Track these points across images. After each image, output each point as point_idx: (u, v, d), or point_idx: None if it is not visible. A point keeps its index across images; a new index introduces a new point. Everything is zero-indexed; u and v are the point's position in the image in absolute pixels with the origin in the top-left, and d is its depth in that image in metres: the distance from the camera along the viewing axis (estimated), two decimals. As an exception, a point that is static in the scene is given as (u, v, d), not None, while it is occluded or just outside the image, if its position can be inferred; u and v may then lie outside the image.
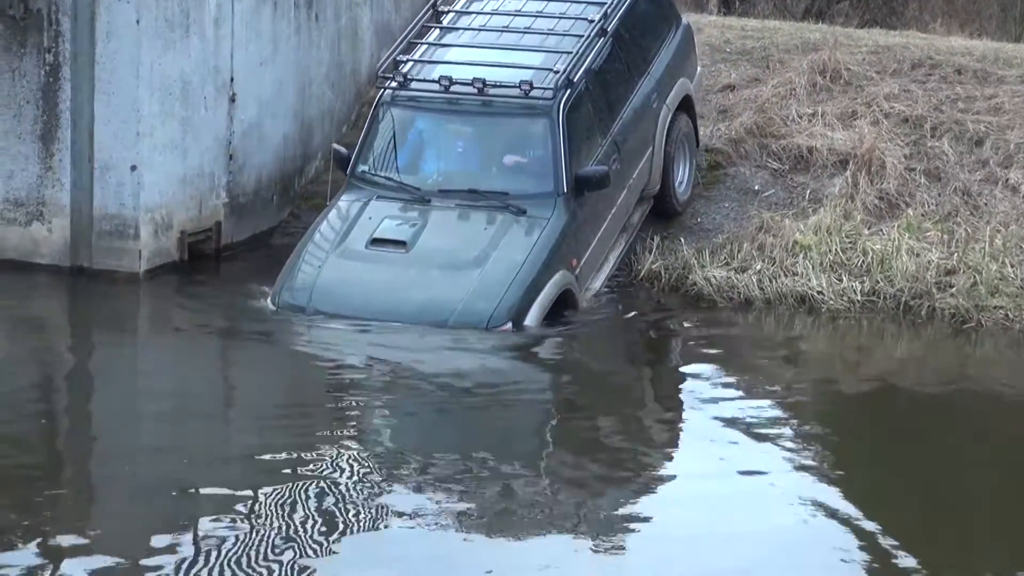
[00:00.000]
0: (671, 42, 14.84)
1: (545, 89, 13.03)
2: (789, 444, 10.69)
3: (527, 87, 13.01)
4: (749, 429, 10.85)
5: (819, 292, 13.92)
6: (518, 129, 13.28)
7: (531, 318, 12.37)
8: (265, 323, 12.68)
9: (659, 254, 14.50)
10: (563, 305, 12.79)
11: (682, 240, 14.70)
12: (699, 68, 15.50)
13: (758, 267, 14.19)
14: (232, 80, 14.74)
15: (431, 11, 14.18)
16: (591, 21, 13.67)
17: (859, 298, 13.87)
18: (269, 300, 12.66)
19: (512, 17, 14.08)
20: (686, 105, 14.84)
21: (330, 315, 12.32)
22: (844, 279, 14.02)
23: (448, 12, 14.24)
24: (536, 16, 14.02)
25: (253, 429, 10.60)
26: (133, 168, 13.89)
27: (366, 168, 13.33)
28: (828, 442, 10.84)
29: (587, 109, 13.37)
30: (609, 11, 13.86)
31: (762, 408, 11.50)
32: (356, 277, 12.53)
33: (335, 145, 13.94)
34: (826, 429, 11.15)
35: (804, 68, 16.51)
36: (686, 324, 13.61)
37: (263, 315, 12.73)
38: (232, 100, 14.77)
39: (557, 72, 13.10)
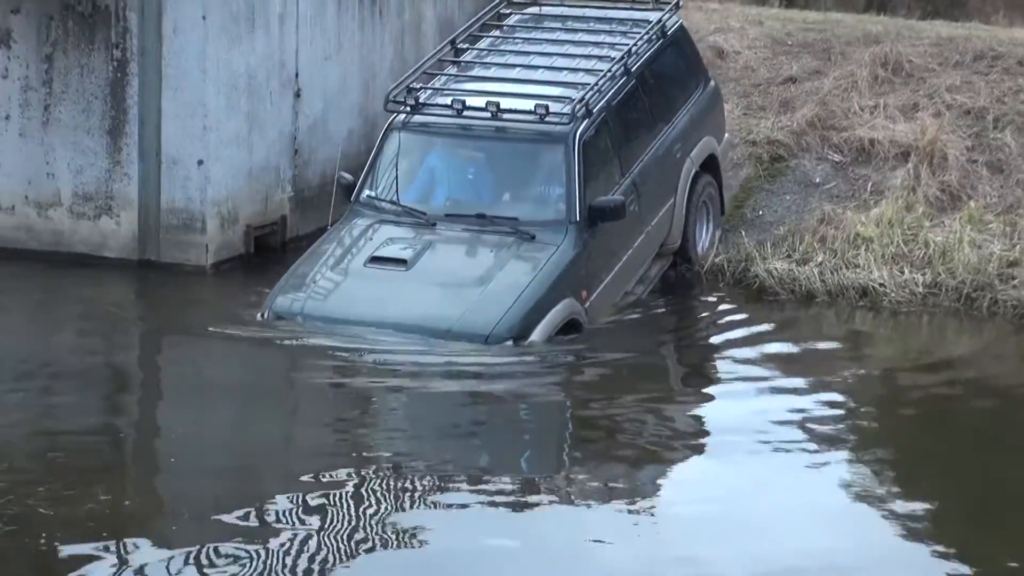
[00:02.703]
0: (698, 98, 14.10)
1: (562, 115, 12.26)
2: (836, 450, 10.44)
3: (543, 111, 12.20)
4: (778, 445, 10.42)
5: (881, 284, 13.66)
6: (532, 155, 12.44)
7: (535, 336, 11.49)
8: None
9: (721, 247, 14.30)
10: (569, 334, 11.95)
11: (743, 233, 14.49)
12: (727, 134, 14.72)
13: (820, 259, 13.98)
14: (297, 75, 14.60)
15: (449, 46, 13.57)
16: (613, 59, 13.07)
17: (921, 290, 13.61)
18: (259, 313, 11.84)
19: (532, 56, 13.47)
20: (712, 166, 14.10)
21: (321, 327, 11.53)
22: (906, 271, 13.78)
23: (468, 49, 13.64)
24: (557, 56, 13.43)
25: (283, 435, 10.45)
26: (200, 162, 13.77)
27: (372, 193, 12.55)
28: (879, 440, 10.63)
29: (605, 143, 12.59)
30: (633, 50, 13.22)
31: (799, 418, 11.01)
32: (351, 291, 11.71)
33: (341, 173, 13.14)
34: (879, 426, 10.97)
35: (866, 60, 16.35)
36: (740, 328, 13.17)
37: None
38: (297, 95, 14.61)
39: (575, 100, 12.38)
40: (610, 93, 12.77)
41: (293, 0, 14.41)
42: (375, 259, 11.86)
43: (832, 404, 11.29)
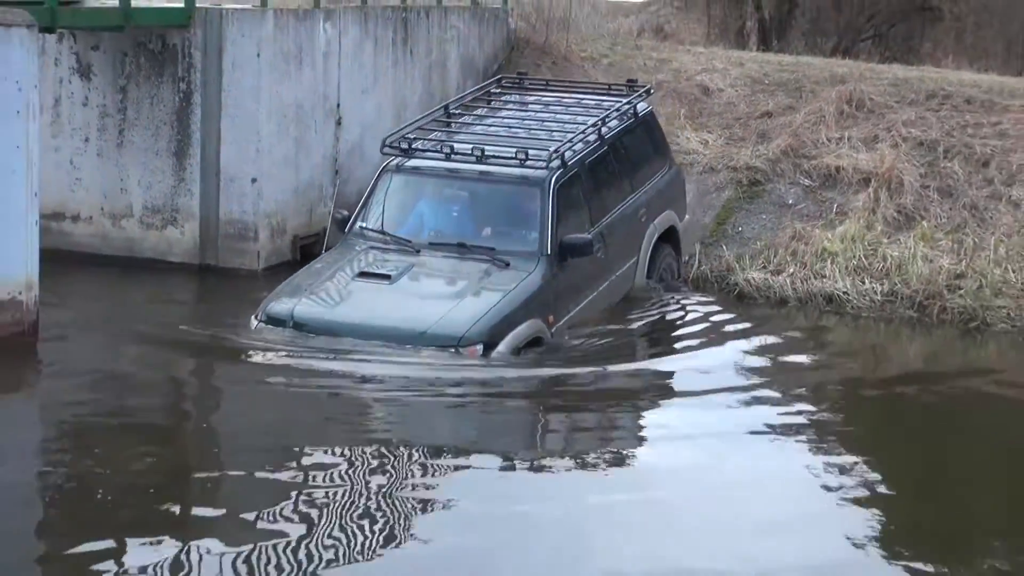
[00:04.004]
0: (664, 175, 14.07)
1: (539, 160, 12.31)
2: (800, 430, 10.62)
3: (523, 156, 12.30)
4: (743, 429, 10.48)
5: (844, 292, 14.02)
6: (511, 195, 12.41)
7: (503, 347, 11.29)
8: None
9: (704, 259, 14.63)
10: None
11: (725, 247, 14.82)
12: (687, 216, 14.63)
13: (791, 270, 14.33)
14: (338, 105, 15.01)
15: (443, 110, 13.77)
16: (587, 122, 13.23)
17: (879, 298, 13.95)
18: (253, 317, 11.71)
19: (516, 121, 13.63)
20: (673, 238, 14.12)
21: (309, 330, 11.33)
22: (866, 281, 14.10)
23: (460, 114, 13.81)
24: (538, 123, 13.57)
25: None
26: (254, 180, 14.18)
27: (364, 225, 12.54)
28: (839, 431, 10.73)
29: (577, 193, 12.59)
30: (606, 119, 13.35)
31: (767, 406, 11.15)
32: (338, 299, 11.66)
33: (336, 209, 13.12)
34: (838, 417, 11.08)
35: (833, 98, 16.61)
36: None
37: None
38: (338, 123, 15.03)
39: (552, 149, 12.47)
40: (584, 152, 12.83)
41: (336, 40, 14.84)
42: (362, 274, 11.87)
43: (796, 396, 11.46)
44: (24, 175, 11.44)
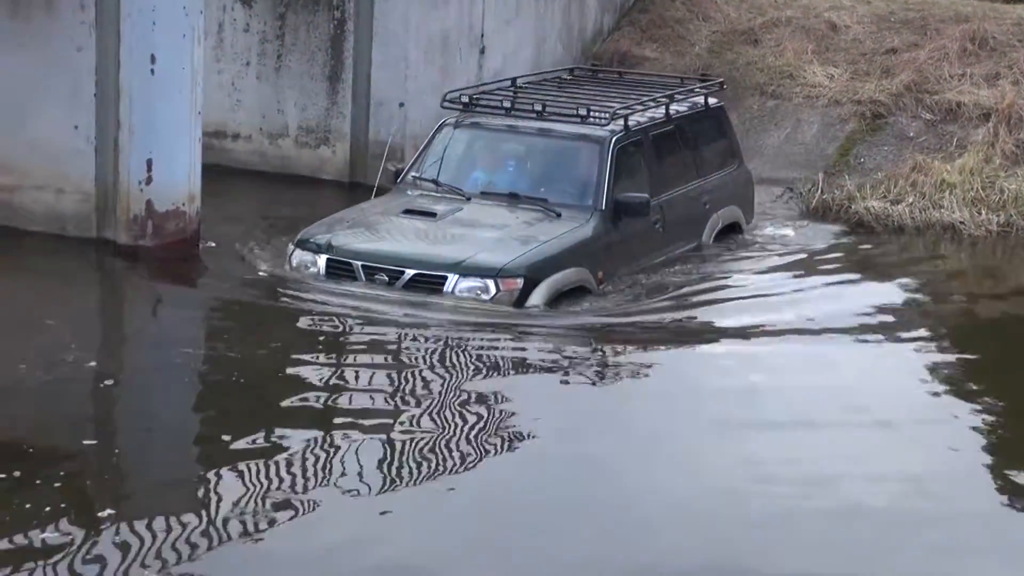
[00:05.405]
0: (732, 172, 13.11)
1: (601, 118, 11.58)
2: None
3: (584, 114, 11.60)
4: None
5: (962, 222, 13.81)
6: (570, 152, 11.61)
7: (543, 287, 10.51)
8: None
9: (826, 187, 14.43)
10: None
11: (847, 176, 14.60)
12: (754, 220, 13.49)
13: (910, 200, 14.10)
14: (482, 36, 14.96)
15: (511, 82, 12.91)
16: (652, 98, 12.50)
17: (995, 228, 13.75)
18: (290, 243, 11.14)
19: (584, 95, 12.63)
20: (736, 233, 13.08)
21: (347, 256, 10.67)
22: (983, 212, 13.89)
23: (528, 87, 12.93)
24: (606, 97, 12.57)
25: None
26: (401, 105, 14.22)
27: (417, 175, 11.84)
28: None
29: (638, 160, 11.78)
30: (675, 96, 12.58)
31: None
32: (380, 232, 11.00)
33: (387, 162, 12.66)
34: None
35: (956, 36, 16.28)
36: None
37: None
38: (482, 52, 14.99)
39: (614, 109, 11.78)
40: (648, 124, 12.02)
41: (481, -27, 14.76)
42: (408, 211, 11.23)
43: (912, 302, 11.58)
44: (189, 95, 11.57)
